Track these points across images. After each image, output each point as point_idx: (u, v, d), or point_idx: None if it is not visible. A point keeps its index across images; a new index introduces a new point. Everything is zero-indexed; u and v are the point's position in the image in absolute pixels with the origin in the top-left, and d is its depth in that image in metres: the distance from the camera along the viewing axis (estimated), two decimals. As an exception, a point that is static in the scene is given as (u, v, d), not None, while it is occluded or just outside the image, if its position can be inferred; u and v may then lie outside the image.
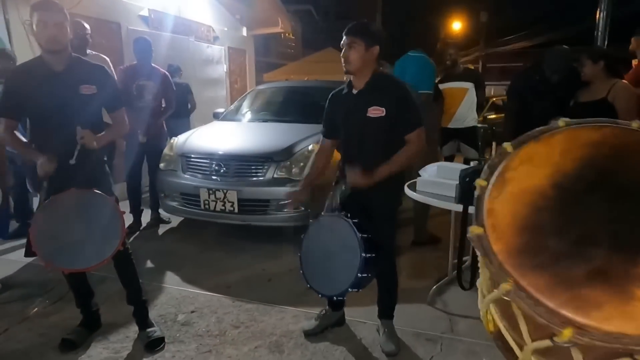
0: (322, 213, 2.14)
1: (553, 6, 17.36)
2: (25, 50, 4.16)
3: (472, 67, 8.05)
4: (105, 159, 2.37)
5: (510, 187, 0.85)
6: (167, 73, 4.14)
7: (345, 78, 2.25)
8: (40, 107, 2.09)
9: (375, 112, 2.03)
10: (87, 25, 3.71)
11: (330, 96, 2.29)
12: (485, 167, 0.94)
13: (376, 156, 2.06)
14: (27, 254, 2.00)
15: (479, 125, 4.55)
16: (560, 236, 0.76)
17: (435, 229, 3.81)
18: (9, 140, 2.13)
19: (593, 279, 0.69)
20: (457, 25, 22.07)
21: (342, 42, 2.04)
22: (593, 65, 2.86)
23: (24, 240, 3.24)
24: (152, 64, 4.03)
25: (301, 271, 2.04)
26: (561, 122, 0.91)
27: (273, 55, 21.27)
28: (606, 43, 5.29)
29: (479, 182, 0.90)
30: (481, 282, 1.05)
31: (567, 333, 0.66)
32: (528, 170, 0.86)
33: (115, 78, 3.83)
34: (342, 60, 2.05)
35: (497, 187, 0.86)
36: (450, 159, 4.76)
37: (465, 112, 4.29)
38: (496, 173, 0.88)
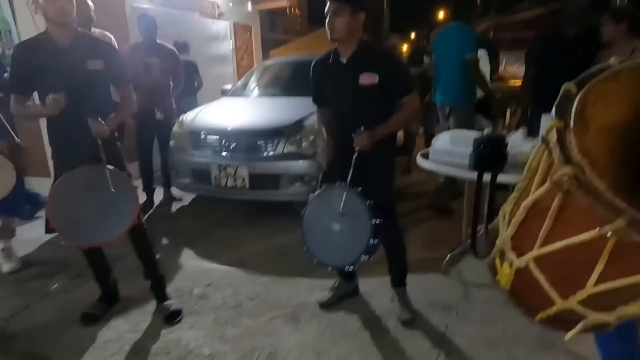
0: (320, 188, 2.11)
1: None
2: (30, 31, 4.12)
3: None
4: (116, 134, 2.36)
5: (594, 124, 0.80)
6: (174, 49, 4.08)
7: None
8: (47, 83, 2.07)
9: (368, 79, 1.99)
10: (90, 3, 3.65)
11: (314, 64, 2.23)
12: (554, 112, 0.88)
13: (370, 125, 2.03)
14: (47, 230, 2.02)
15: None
16: None
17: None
18: (21, 112, 2.14)
19: None
20: (467, -6, 21.44)
21: (326, 9, 1.98)
22: (615, 25, 2.73)
23: (40, 219, 3.31)
24: (158, 41, 3.98)
25: (305, 247, 2.03)
26: (614, 60, 0.87)
27: (279, 31, 20.96)
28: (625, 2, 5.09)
29: (553, 123, 0.84)
30: (506, 240, 1.02)
31: None
32: (606, 107, 0.82)
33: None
34: (327, 28, 1.99)
35: (581, 126, 0.80)
36: None
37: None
38: (574, 110, 0.82)
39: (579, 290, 0.79)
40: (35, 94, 2.17)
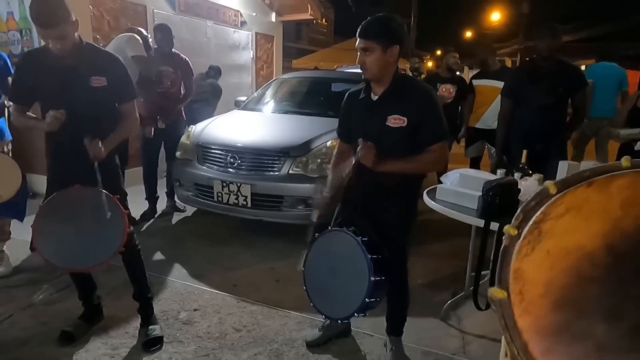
0: (330, 227, 1.99)
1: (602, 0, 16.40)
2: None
3: (510, 64, 7.64)
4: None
5: (547, 243, 0.66)
6: (187, 59, 4.05)
7: None
8: (48, 97, 2.03)
9: (396, 121, 1.83)
10: (145, 33, 3.86)
11: (347, 96, 2.11)
12: (519, 211, 0.76)
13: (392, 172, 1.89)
14: (31, 248, 1.96)
15: None
16: (610, 322, 0.58)
17: (450, 236, 3.62)
18: (20, 122, 2.09)
19: None
20: (495, 16, 21.21)
21: (356, 44, 1.83)
22: None
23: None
24: (173, 50, 3.97)
25: (304, 287, 1.91)
26: (625, 161, 0.70)
27: (304, 41, 21.08)
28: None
29: (509, 229, 0.71)
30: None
31: None
32: (575, 223, 0.67)
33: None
34: (359, 66, 1.85)
35: (530, 241, 0.67)
36: (476, 161, 4.53)
37: (495, 113, 4.05)
38: (531, 221, 0.69)
39: None
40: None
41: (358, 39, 1.82)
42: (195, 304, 2.63)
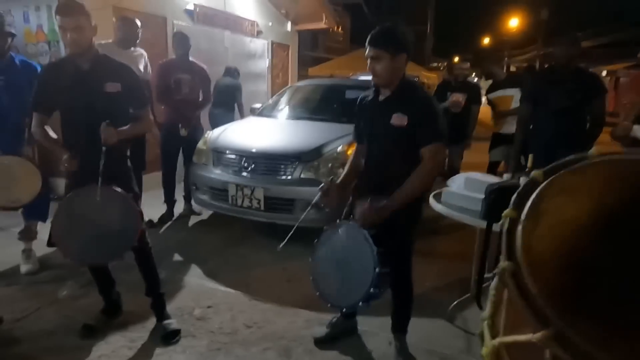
0: (338, 220, 2.09)
1: (623, 5, 16.16)
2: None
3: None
4: (128, 153, 2.42)
5: (546, 220, 0.75)
6: (204, 67, 4.21)
7: None
8: (67, 104, 2.18)
9: (399, 120, 1.95)
10: (138, 22, 3.82)
11: (358, 99, 2.25)
12: (515, 196, 0.85)
13: (398, 166, 1.99)
14: (49, 244, 2.10)
15: None
16: (612, 277, 0.66)
17: (461, 240, 3.66)
18: (39, 134, 2.21)
19: None
20: (514, 23, 21.10)
21: (366, 52, 1.97)
22: None
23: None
24: (190, 58, 4.12)
25: (311, 277, 2.02)
26: (594, 150, 0.81)
27: (320, 49, 21.29)
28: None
29: (508, 212, 0.80)
30: (487, 318, 0.98)
31: None
32: (566, 201, 0.76)
33: (150, 71, 3.97)
34: (370, 72, 1.98)
35: (532, 220, 0.75)
36: (495, 165, 4.60)
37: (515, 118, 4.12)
38: (529, 203, 0.78)
39: None
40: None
41: (368, 48, 1.96)
42: (209, 301, 2.74)
